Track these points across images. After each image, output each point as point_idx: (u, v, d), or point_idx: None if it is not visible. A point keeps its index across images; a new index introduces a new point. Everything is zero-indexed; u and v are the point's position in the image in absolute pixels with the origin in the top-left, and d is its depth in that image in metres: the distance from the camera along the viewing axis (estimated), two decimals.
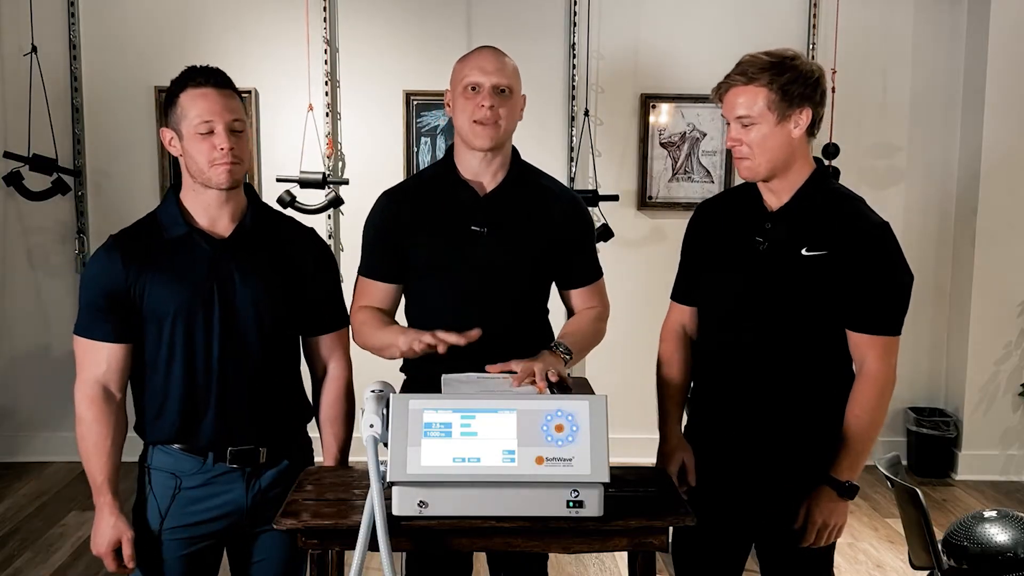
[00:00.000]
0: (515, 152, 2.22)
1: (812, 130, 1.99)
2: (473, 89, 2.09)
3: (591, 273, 2.31)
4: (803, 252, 1.97)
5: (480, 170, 2.16)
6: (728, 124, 2.01)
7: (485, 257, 2.14)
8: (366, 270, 2.24)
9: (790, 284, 2.00)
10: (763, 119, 1.94)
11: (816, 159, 2.06)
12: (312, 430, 2.14)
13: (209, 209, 1.97)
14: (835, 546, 2.15)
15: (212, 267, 1.94)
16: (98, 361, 1.93)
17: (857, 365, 2.02)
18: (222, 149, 1.90)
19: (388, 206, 2.23)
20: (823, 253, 1.96)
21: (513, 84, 2.12)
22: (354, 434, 2.14)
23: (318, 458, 2.13)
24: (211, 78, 1.94)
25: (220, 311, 1.94)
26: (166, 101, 1.96)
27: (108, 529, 1.92)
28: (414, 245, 2.16)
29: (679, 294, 2.26)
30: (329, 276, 2.14)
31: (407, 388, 2.17)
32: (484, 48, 2.17)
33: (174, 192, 2.01)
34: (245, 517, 2.01)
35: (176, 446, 1.97)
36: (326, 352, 2.13)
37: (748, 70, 1.95)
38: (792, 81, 1.93)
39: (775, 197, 2.04)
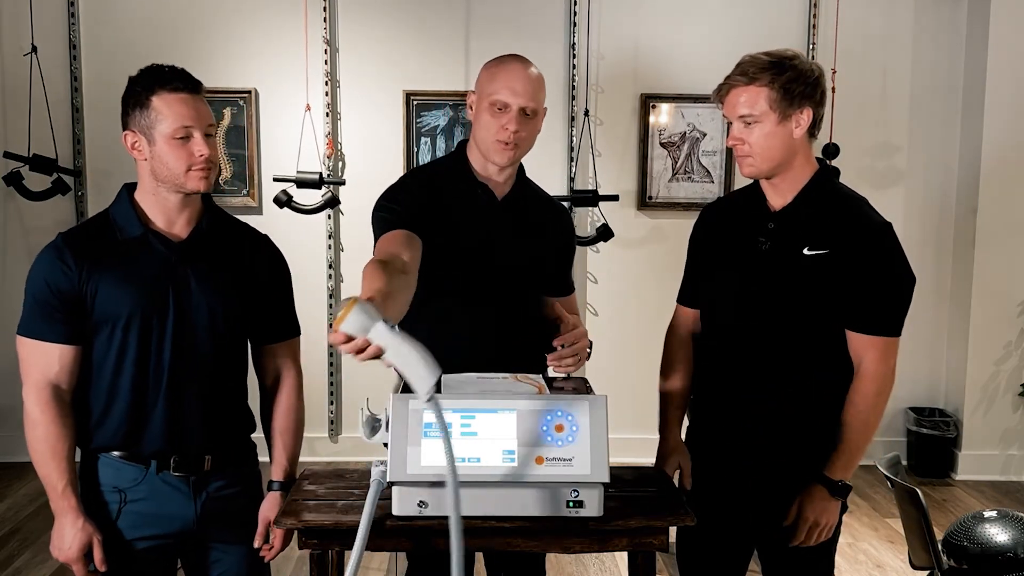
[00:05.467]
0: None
1: (813, 130, 2.00)
2: (500, 108, 2.07)
3: (566, 287, 2.33)
4: (805, 251, 1.98)
5: (493, 173, 2.16)
6: (730, 124, 2.02)
7: (502, 258, 2.14)
8: (389, 226, 2.04)
9: (791, 283, 2.00)
10: (765, 118, 1.95)
11: (818, 159, 2.07)
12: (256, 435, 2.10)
13: (168, 212, 1.92)
14: (835, 547, 2.15)
15: (168, 270, 1.89)
16: (49, 363, 1.86)
17: (856, 365, 2.01)
18: (201, 155, 1.87)
19: (411, 183, 2.18)
20: (824, 252, 1.96)
21: (540, 104, 2.10)
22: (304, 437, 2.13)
23: (263, 459, 2.09)
24: (187, 82, 1.88)
25: (174, 314, 1.89)
26: (131, 102, 1.88)
27: (76, 532, 1.85)
28: (435, 234, 2.10)
29: (684, 297, 2.27)
30: (283, 284, 2.10)
31: (407, 388, 2.16)
32: (516, 62, 2.11)
33: (128, 192, 1.95)
34: (195, 527, 1.95)
35: (117, 453, 1.91)
36: (278, 361, 2.08)
37: (749, 70, 1.95)
38: (793, 80, 1.94)
39: (779, 197, 2.04)
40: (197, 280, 1.92)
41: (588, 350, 2.04)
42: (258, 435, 2.10)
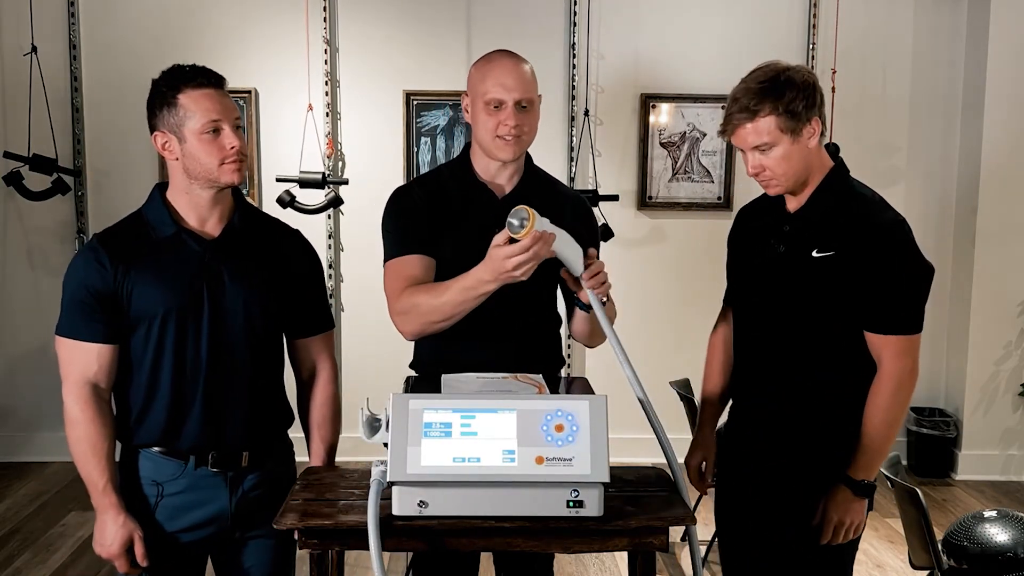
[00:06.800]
0: (527, 155, 2.23)
1: (821, 132, 2.01)
2: (496, 106, 2.07)
3: None
4: (813, 254, 1.98)
5: (497, 173, 2.16)
6: (743, 152, 2.01)
7: None
8: (403, 249, 2.10)
9: (802, 286, 2.00)
10: (778, 141, 1.94)
11: (832, 156, 2.06)
12: (294, 431, 2.12)
13: (200, 209, 1.94)
14: (857, 547, 2.14)
15: (201, 267, 1.91)
16: (88, 362, 1.89)
17: (877, 364, 2.01)
18: (232, 147, 1.89)
19: (415, 193, 2.19)
20: (831, 254, 1.96)
21: (533, 95, 2.11)
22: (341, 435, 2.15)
23: (300, 458, 2.10)
24: (210, 78, 1.91)
25: (209, 311, 1.91)
26: (157, 103, 1.90)
27: (118, 529, 1.88)
28: (438, 239, 2.13)
29: (728, 297, 2.29)
30: (317, 277, 2.12)
31: (416, 387, 2.15)
32: (503, 57, 2.13)
33: (160, 191, 1.97)
34: (230, 522, 1.98)
35: (157, 449, 1.94)
36: (314, 354, 2.11)
37: (749, 104, 1.92)
38: (794, 99, 1.92)
39: (795, 199, 2.06)
40: (231, 277, 1.94)
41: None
42: (297, 434, 2.12)
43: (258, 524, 2.00)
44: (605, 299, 1.97)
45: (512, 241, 1.81)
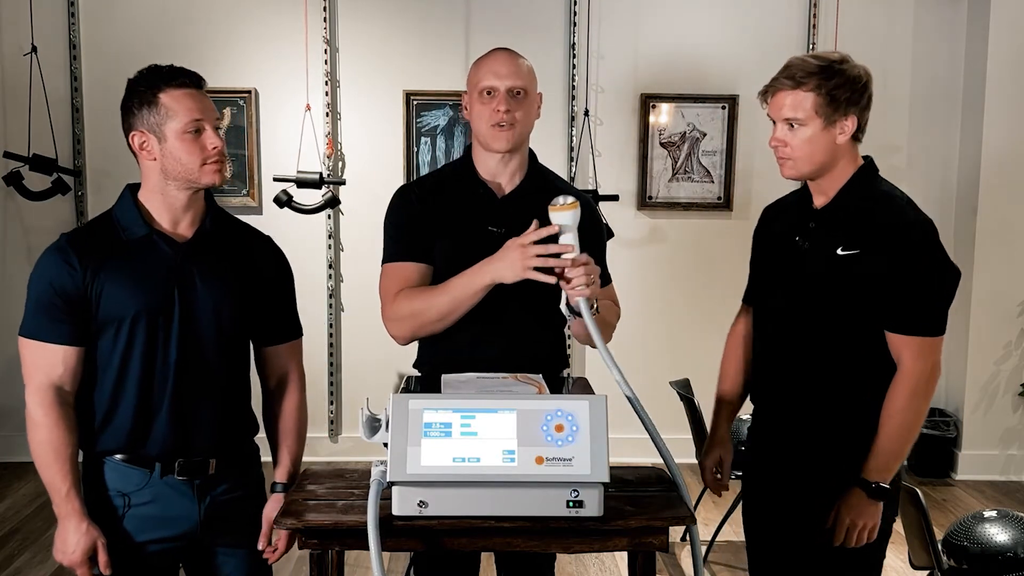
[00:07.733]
0: (532, 155, 2.24)
1: (858, 135, 1.99)
2: (488, 93, 2.10)
3: (603, 277, 2.30)
4: (838, 252, 1.98)
5: (498, 171, 2.16)
6: (774, 123, 2.01)
7: None
8: (399, 254, 2.13)
9: (824, 284, 2.00)
10: (810, 122, 1.95)
11: (865, 157, 2.06)
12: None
13: (174, 211, 1.91)
14: (884, 553, 2.12)
15: (173, 270, 1.88)
16: (53, 364, 1.84)
17: (897, 365, 2.00)
18: (214, 148, 1.87)
19: (414, 195, 2.20)
20: (856, 252, 1.96)
21: (528, 85, 2.13)
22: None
23: (264, 458, 2.08)
24: (191, 78, 1.89)
25: (180, 314, 1.87)
26: (135, 102, 1.88)
27: (80, 536, 1.82)
28: (435, 240, 2.15)
29: (747, 296, 2.29)
30: (287, 284, 2.09)
31: (416, 387, 2.15)
32: (498, 51, 2.17)
33: (131, 192, 1.94)
34: (200, 532, 1.94)
35: (120, 457, 1.89)
36: (282, 362, 2.07)
37: (796, 74, 1.95)
38: (840, 86, 1.93)
39: (821, 196, 2.05)
40: (202, 280, 1.91)
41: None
42: (260, 436, 2.09)
43: (229, 532, 1.97)
44: (595, 307, 1.97)
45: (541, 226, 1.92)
